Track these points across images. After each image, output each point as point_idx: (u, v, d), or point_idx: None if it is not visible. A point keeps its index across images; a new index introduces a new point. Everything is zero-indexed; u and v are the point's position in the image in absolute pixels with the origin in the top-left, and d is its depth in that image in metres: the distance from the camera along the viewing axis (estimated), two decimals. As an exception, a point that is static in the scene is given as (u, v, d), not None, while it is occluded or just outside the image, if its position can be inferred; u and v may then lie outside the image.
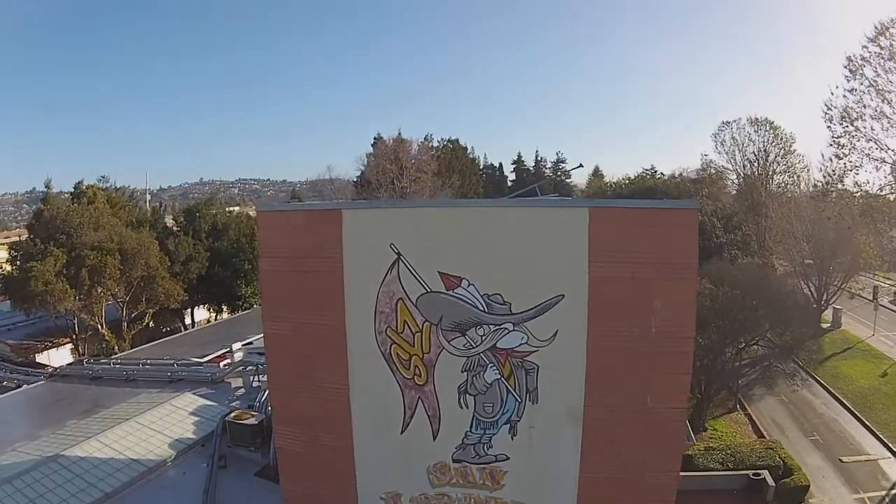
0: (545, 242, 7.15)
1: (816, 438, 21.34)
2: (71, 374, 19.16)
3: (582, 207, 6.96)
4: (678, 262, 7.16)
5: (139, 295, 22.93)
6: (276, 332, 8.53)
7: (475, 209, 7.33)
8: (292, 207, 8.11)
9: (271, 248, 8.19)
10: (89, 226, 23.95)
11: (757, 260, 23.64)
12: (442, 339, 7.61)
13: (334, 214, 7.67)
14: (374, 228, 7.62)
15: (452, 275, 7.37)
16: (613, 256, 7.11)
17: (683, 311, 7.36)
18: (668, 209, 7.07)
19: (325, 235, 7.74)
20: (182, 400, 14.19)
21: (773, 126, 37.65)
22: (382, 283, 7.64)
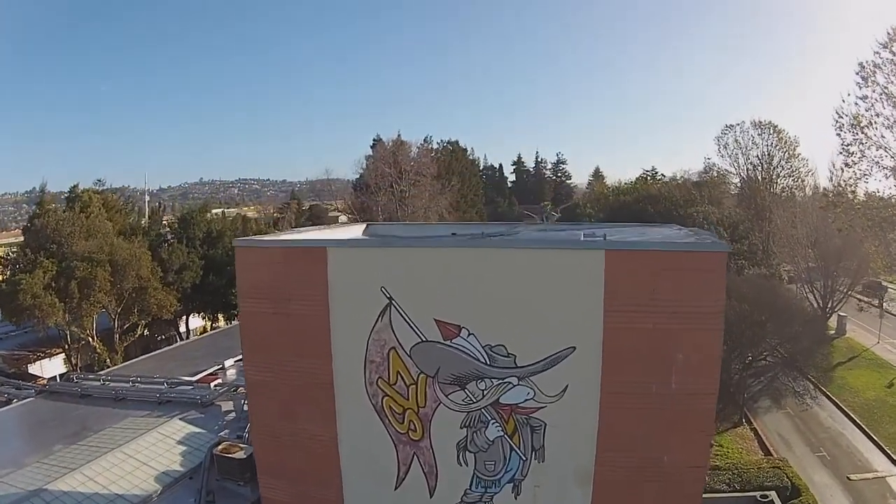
0: (555, 288, 6.30)
1: (823, 454, 20.59)
2: (60, 390, 18.42)
3: (597, 250, 6.09)
4: (704, 311, 6.31)
5: (131, 306, 22.09)
6: (257, 378, 7.71)
7: (476, 249, 6.45)
8: (272, 243, 7.20)
9: (251, 287, 7.35)
10: (80, 234, 23.05)
11: (763, 270, 22.79)
12: (439, 393, 6.79)
13: (318, 252, 6.82)
14: (362, 269, 6.78)
15: (451, 323, 6.53)
16: (631, 305, 6.27)
17: (707, 366, 6.53)
18: (693, 252, 6.21)
19: (309, 275, 6.90)
20: (169, 427, 13.40)
21: (776, 129, 36.67)
22: (373, 329, 6.81)
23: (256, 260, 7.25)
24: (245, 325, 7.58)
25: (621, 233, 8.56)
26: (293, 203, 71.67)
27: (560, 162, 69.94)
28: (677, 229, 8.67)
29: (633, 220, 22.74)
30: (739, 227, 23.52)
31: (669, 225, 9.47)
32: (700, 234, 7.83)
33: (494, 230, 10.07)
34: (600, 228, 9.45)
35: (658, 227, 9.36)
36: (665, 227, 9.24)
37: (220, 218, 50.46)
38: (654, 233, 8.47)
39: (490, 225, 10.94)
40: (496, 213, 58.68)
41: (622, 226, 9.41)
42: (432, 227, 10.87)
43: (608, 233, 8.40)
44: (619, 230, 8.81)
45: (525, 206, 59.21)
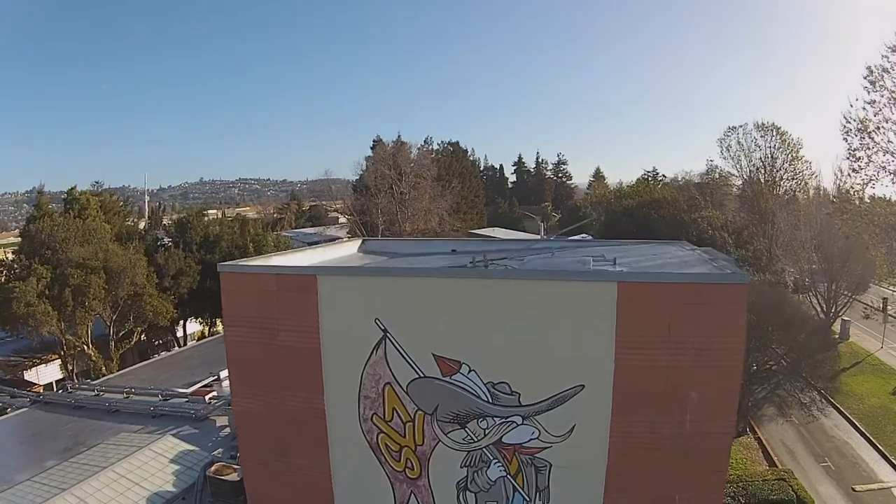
0: (563, 322, 5.80)
1: (828, 465, 20.14)
2: (54, 400, 18.02)
3: (610, 282, 5.58)
4: (722, 347, 5.81)
5: (127, 313, 21.62)
6: (246, 409, 7.24)
7: (477, 280, 5.95)
8: (259, 269, 6.70)
9: (237, 315, 6.86)
10: (76, 240, 22.56)
11: (769, 276, 22.25)
12: (438, 431, 6.31)
13: (308, 280, 6.32)
14: (355, 298, 6.28)
15: (450, 359, 6.04)
16: (645, 340, 5.77)
17: (724, 403, 6.04)
18: (712, 284, 5.70)
19: (298, 304, 6.41)
20: (162, 444, 12.94)
21: (779, 131, 36.07)
22: (367, 363, 6.32)
23: (243, 286, 6.76)
24: (232, 354, 7.09)
25: (629, 253, 8.06)
26: (293, 203, 71.24)
27: (561, 162, 69.28)
28: (689, 249, 8.16)
29: (637, 225, 22.28)
30: (744, 232, 22.96)
31: (679, 242, 8.96)
32: (714, 256, 7.32)
33: (496, 248, 9.57)
34: (607, 245, 8.95)
35: (667, 245, 8.85)
36: (675, 246, 8.73)
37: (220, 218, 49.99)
38: (664, 253, 7.96)
39: (492, 241, 10.44)
40: (497, 214, 58.16)
41: (630, 244, 8.90)
42: (430, 242, 10.34)
43: (616, 253, 7.90)
44: (627, 251, 8.30)
45: (525, 207, 58.62)
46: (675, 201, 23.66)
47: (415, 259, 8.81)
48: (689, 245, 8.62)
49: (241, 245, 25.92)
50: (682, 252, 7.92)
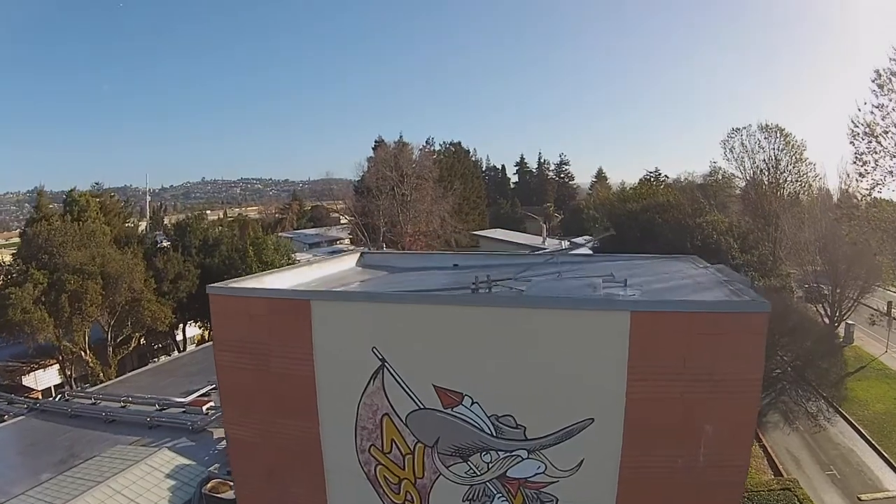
0: (573, 353, 5.43)
1: (834, 473, 19.77)
2: (51, 409, 17.79)
3: (622, 311, 5.21)
4: (740, 378, 5.43)
5: (124, 319, 21.34)
6: (239, 436, 6.89)
7: (481, 308, 5.57)
8: (250, 292, 6.35)
9: (227, 339, 6.51)
10: (73, 244, 22.26)
11: (774, 281, 21.85)
12: (438, 464, 5.95)
13: (301, 305, 5.96)
14: (350, 325, 5.91)
15: (451, 390, 5.68)
16: (658, 372, 5.40)
17: (740, 436, 5.68)
18: (730, 314, 5.32)
19: (291, 330, 6.05)
20: (158, 458, 12.67)
21: (783, 133, 35.58)
22: (364, 393, 5.96)
23: (233, 310, 6.40)
24: (223, 379, 6.74)
25: (638, 271, 7.67)
26: (294, 204, 70.97)
27: (563, 163, 68.76)
28: (702, 267, 7.77)
29: (642, 229, 21.86)
30: (749, 236, 22.53)
31: (691, 258, 8.56)
32: (729, 277, 6.93)
33: (499, 261, 9.19)
34: (615, 261, 8.57)
35: (678, 261, 8.46)
36: (686, 262, 8.34)
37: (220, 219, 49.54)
38: (676, 272, 7.58)
39: (495, 255, 10.04)
40: (499, 215, 57.75)
41: (639, 260, 8.51)
42: (431, 256, 9.94)
43: (625, 271, 7.52)
44: (637, 268, 7.91)
45: (528, 208, 58.17)
46: (680, 205, 23.21)
47: (415, 275, 8.43)
48: (702, 262, 8.23)
49: (241, 248, 25.59)
50: (695, 270, 7.54)
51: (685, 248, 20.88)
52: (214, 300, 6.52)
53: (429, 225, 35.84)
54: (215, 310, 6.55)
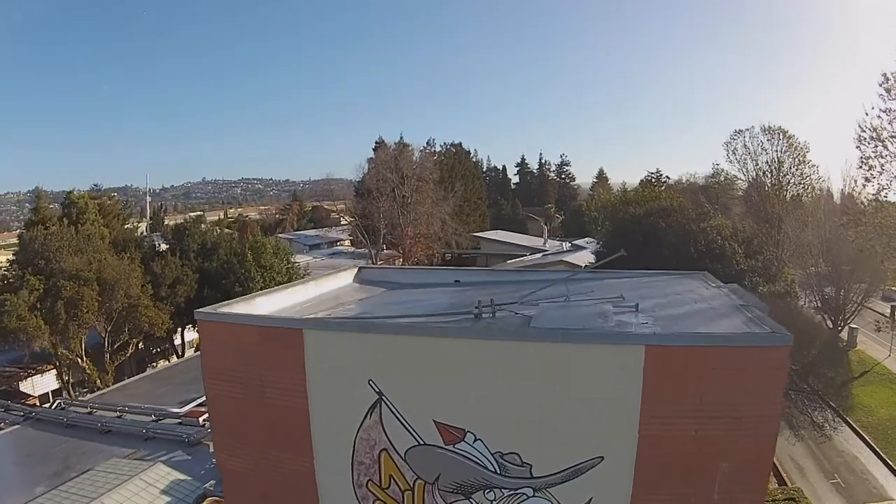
0: (582, 388, 5.08)
1: (838, 481, 19.50)
2: (46, 418, 17.50)
3: (637, 345, 4.86)
4: (758, 414, 5.07)
5: (121, 325, 21.02)
6: (231, 466, 6.55)
7: (484, 341, 5.22)
8: (239, 318, 6.00)
9: (216, 367, 6.15)
10: (70, 249, 21.92)
11: (779, 287, 21.50)
12: (439, 501, 5.60)
13: (293, 334, 5.60)
14: (346, 357, 5.56)
15: (453, 426, 5.33)
16: (673, 409, 5.05)
17: (757, 473, 5.32)
18: (751, 348, 4.98)
19: (283, 360, 5.70)
20: (154, 473, 12.36)
21: (786, 135, 35.18)
22: (360, 427, 5.62)
23: (222, 336, 6.05)
24: (213, 409, 6.41)
25: (648, 291, 7.31)
26: (295, 204, 70.57)
27: (564, 163, 68.34)
28: (714, 286, 7.40)
29: (645, 234, 21.46)
30: (753, 241, 22.15)
31: (701, 275, 8.19)
32: (745, 300, 6.57)
33: (503, 278, 8.84)
34: (623, 278, 8.22)
35: (688, 278, 8.10)
36: (696, 280, 7.98)
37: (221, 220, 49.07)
38: (687, 293, 7.21)
39: (497, 271, 9.71)
40: (500, 216, 57.36)
41: (647, 278, 8.15)
42: (431, 272, 9.57)
43: (634, 291, 7.16)
44: (645, 287, 7.56)
45: (529, 209, 57.82)
46: (683, 209, 22.84)
47: (414, 293, 8.08)
48: (713, 279, 7.87)
49: (239, 252, 25.25)
50: (707, 291, 7.18)
51: (689, 253, 20.50)
52: (203, 326, 6.17)
53: (429, 227, 35.49)
54: (204, 336, 6.21)
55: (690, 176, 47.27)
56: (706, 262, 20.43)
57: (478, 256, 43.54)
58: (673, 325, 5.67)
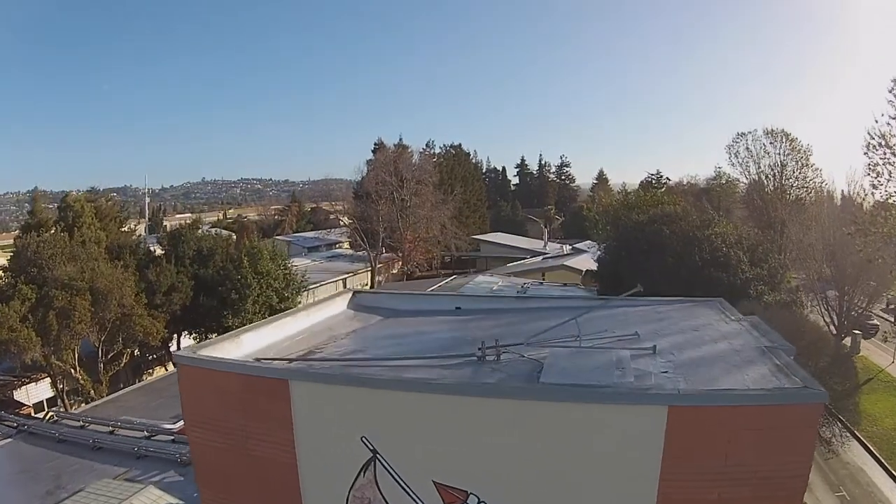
0: (597, 449, 4.57)
1: (843, 494, 19.06)
2: (39, 432, 17.05)
3: (658, 406, 4.36)
4: (786, 475, 4.59)
5: (115, 334, 20.51)
6: (215, 519, 6.06)
7: (488, 399, 4.70)
8: (220, 365, 5.47)
9: (199, 416, 5.64)
10: (63, 257, 21.36)
11: (784, 296, 20.97)
12: (440, 565, 5.12)
13: (278, 386, 5.08)
14: (336, 412, 5.04)
15: (455, 488, 4.82)
16: (696, 472, 4.55)
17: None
18: (782, 406, 4.48)
19: (268, 411, 5.18)
20: (145, 497, 11.84)
21: (789, 138, 34.64)
22: (353, 486, 5.11)
23: (202, 383, 5.53)
24: (197, 458, 5.90)
25: (662, 325, 6.80)
26: (294, 205, 69.85)
27: (564, 164, 67.70)
28: (733, 319, 6.89)
29: (649, 242, 20.90)
30: (759, 249, 21.60)
31: (717, 303, 7.68)
32: (769, 338, 6.06)
33: (506, 307, 8.28)
34: (635, 306, 7.70)
35: (703, 307, 7.57)
36: (712, 309, 7.46)
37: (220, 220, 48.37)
38: (704, 326, 6.69)
39: (500, 297, 9.16)
40: (500, 217, 56.80)
41: (661, 306, 7.62)
42: (431, 298, 9.04)
43: (647, 324, 6.66)
44: (659, 318, 7.04)
45: (528, 210, 57.22)
46: (687, 215, 22.28)
47: (411, 323, 7.55)
48: (729, 308, 7.36)
49: (236, 258, 24.72)
50: (727, 326, 6.66)
51: (693, 261, 19.95)
52: (182, 371, 5.65)
53: (429, 231, 34.94)
54: (183, 380, 5.69)
55: (691, 178, 46.73)
56: (711, 271, 19.91)
57: (477, 259, 43.06)
58: (694, 374, 5.15)
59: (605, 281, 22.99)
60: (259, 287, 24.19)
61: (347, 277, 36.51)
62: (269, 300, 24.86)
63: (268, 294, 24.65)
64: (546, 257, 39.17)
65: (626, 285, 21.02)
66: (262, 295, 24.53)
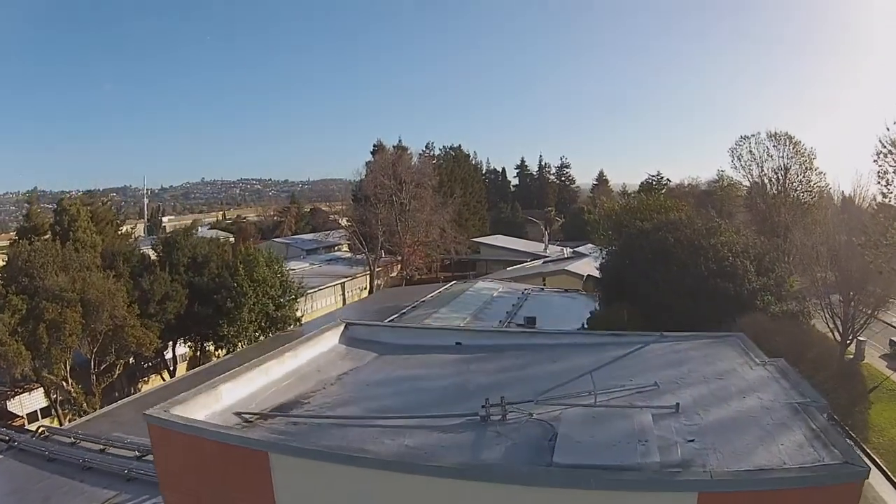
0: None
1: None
2: (29, 448, 16.47)
3: (688, 493, 3.76)
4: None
5: (107, 346, 19.89)
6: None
7: (493, 485, 4.06)
8: (196, 430, 4.82)
9: (173, 479, 5.05)
10: (54, 266, 20.70)
11: (792, 305, 20.40)
12: None
13: (257, 458, 4.48)
14: (323, 488, 4.44)
15: (455, 576, 4.22)
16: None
17: None
18: (821, 488, 3.88)
19: (249, 485, 4.59)
20: (130, 526, 11.32)
21: (793, 141, 34.01)
22: (341, 567, 4.52)
23: (177, 445, 4.92)
24: (170, 523, 5.30)
25: (680, 371, 6.19)
26: (293, 207, 69.07)
27: (564, 165, 66.91)
28: (758, 363, 6.28)
29: (654, 251, 20.28)
30: (765, 258, 20.99)
31: (737, 339, 7.07)
32: (799, 389, 5.44)
33: (511, 342, 7.67)
34: (649, 342, 7.08)
35: (722, 346, 6.96)
36: (731, 348, 6.84)
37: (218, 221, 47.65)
38: (727, 373, 6.08)
39: (504, 332, 8.54)
40: (499, 219, 56.08)
41: (677, 343, 7.00)
42: (430, 332, 8.37)
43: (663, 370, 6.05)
44: (675, 360, 6.43)
45: (528, 212, 56.55)
46: (693, 223, 21.65)
47: (407, 363, 6.93)
48: (751, 346, 6.76)
49: (231, 266, 24.07)
50: (752, 372, 6.04)
51: (700, 272, 19.34)
52: (153, 431, 5.04)
53: (428, 235, 34.30)
54: (155, 441, 5.08)
55: (693, 179, 46.05)
56: (717, 281, 19.32)
57: (477, 261, 42.41)
58: (724, 443, 4.53)
59: (609, 289, 22.39)
60: (255, 295, 23.57)
61: (346, 282, 35.84)
62: (266, 308, 24.26)
63: (264, 302, 24.04)
64: (546, 261, 38.53)
65: (629, 294, 20.45)
66: (258, 303, 23.92)
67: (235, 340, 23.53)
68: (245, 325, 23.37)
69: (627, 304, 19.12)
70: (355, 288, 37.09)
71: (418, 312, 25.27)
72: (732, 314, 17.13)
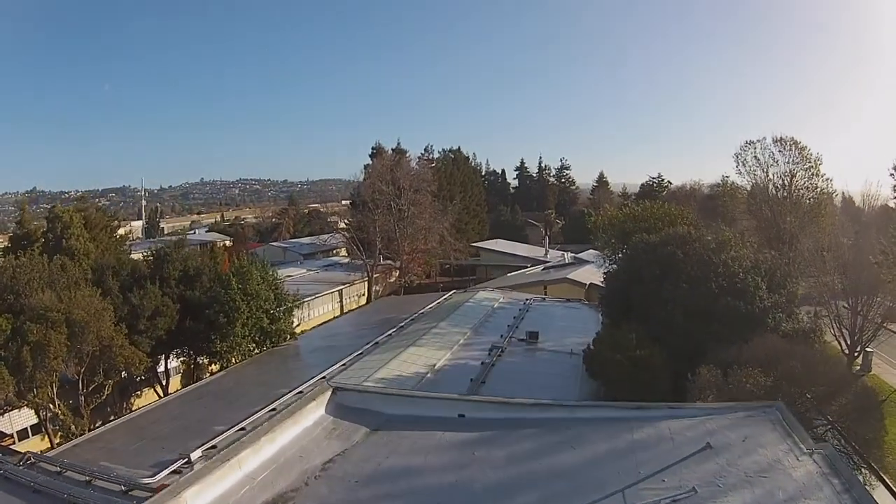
0: None
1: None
2: (14, 477, 15.64)
3: None
4: None
5: (95, 367, 18.94)
6: None
7: None
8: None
9: None
10: (39, 283, 19.70)
11: (805, 321, 19.47)
12: None
13: None
14: None
15: None
16: None
17: None
18: None
19: None
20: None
21: (798, 146, 33.08)
22: None
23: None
24: None
25: (715, 464, 5.31)
26: (291, 208, 67.83)
27: (564, 167, 65.70)
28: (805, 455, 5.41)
29: (661, 265, 19.36)
30: (776, 273, 20.03)
31: (776, 411, 6.20)
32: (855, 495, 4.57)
33: (517, 415, 6.77)
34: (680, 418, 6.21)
35: (760, 421, 6.09)
36: (774, 428, 5.98)
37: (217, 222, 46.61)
38: (768, 462, 5.21)
39: (509, 404, 7.50)
40: (499, 222, 54.93)
41: (709, 420, 6.12)
42: (428, 402, 7.34)
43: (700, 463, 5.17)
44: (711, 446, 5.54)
45: (528, 214, 55.45)
46: (701, 237, 20.70)
47: (402, 452, 6.02)
48: (793, 425, 5.89)
49: (224, 279, 23.09)
50: (799, 470, 5.17)
51: (709, 287, 18.41)
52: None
53: (427, 242, 33.33)
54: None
55: (695, 182, 45.07)
56: (728, 299, 18.42)
57: (477, 267, 41.43)
58: None
59: (614, 307, 21.45)
60: (249, 310, 22.60)
61: (343, 288, 34.90)
62: (260, 322, 23.32)
63: (258, 316, 23.10)
64: (547, 267, 37.58)
65: (636, 313, 19.50)
66: (251, 317, 22.98)
67: (229, 356, 22.62)
68: (238, 341, 22.44)
69: (634, 323, 18.25)
70: (353, 294, 36.15)
71: (417, 326, 24.44)
72: (744, 334, 16.28)
